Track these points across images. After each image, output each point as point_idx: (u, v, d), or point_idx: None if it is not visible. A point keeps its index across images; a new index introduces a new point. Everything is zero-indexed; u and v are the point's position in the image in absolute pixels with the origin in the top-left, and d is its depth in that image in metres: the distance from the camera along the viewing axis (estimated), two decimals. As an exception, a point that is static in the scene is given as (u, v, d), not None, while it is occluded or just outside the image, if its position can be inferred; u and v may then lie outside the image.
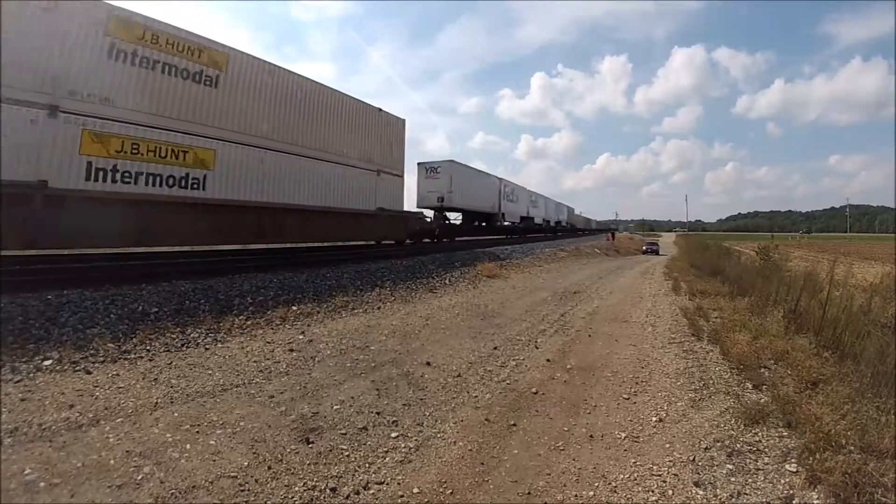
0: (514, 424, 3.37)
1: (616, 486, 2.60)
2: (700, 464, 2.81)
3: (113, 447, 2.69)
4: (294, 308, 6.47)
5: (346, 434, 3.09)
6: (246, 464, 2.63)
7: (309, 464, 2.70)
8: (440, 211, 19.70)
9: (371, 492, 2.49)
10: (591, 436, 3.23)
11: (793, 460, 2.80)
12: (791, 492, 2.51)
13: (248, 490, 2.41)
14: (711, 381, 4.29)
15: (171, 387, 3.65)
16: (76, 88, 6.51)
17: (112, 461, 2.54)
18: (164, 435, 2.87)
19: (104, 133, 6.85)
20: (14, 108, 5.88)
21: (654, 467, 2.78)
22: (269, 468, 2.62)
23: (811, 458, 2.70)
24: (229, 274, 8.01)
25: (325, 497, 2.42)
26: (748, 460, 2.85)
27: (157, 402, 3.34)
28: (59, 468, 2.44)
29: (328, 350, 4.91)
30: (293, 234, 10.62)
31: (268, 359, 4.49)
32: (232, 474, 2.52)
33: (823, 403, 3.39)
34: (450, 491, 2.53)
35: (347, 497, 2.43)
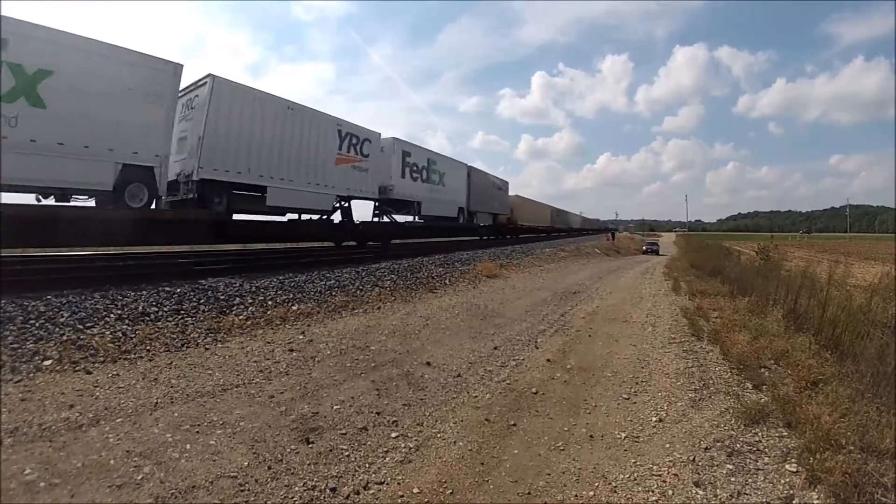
0: (514, 424, 3.37)
1: (616, 486, 2.60)
2: (700, 464, 2.81)
3: (113, 447, 2.69)
4: (294, 308, 6.47)
5: (346, 434, 3.09)
6: (246, 464, 2.63)
7: (309, 464, 2.70)
8: None
9: (371, 492, 2.49)
10: (591, 436, 3.23)
11: (793, 460, 2.80)
12: (791, 492, 2.51)
13: (248, 490, 2.41)
14: (711, 381, 4.29)
15: (171, 387, 3.65)
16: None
17: (112, 461, 2.54)
18: (164, 435, 2.87)
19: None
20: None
21: (654, 467, 2.78)
22: (269, 468, 2.62)
23: (811, 458, 2.70)
24: (229, 274, 8.01)
25: (325, 497, 2.42)
26: (748, 460, 2.85)
27: (157, 402, 3.34)
28: (59, 468, 2.44)
29: (328, 350, 4.91)
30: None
31: (268, 359, 4.48)
32: (232, 474, 2.52)
33: (823, 403, 3.39)
34: (450, 491, 2.53)
35: (347, 497, 2.43)
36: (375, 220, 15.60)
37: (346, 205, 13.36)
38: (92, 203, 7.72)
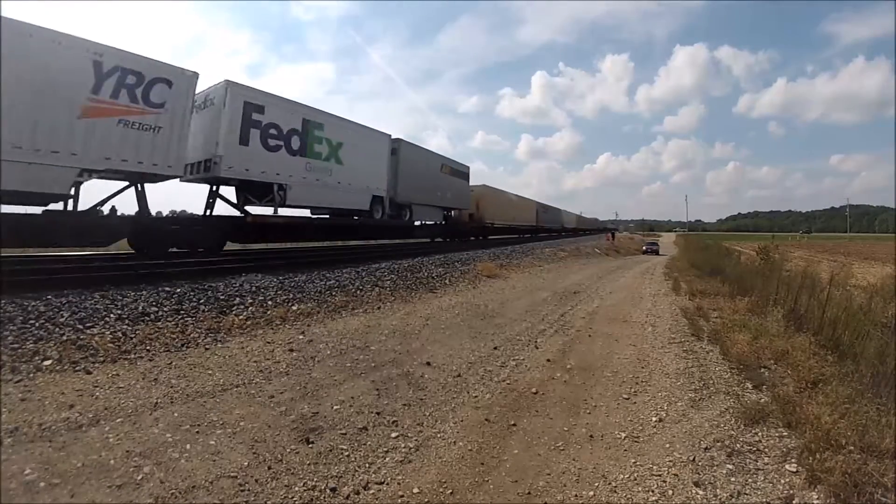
0: (514, 424, 3.37)
1: (616, 486, 2.60)
2: (700, 464, 2.81)
3: (113, 447, 2.69)
4: (294, 308, 6.47)
5: (346, 434, 3.09)
6: (246, 464, 2.63)
7: (309, 464, 2.70)
8: None
9: (371, 492, 2.49)
10: (591, 436, 3.23)
11: (793, 460, 2.80)
12: (791, 492, 2.51)
13: (248, 490, 2.41)
14: (711, 381, 4.29)
15: (171, 387, 3.65)
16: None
17: (112, 461, 2.54)
18: (164, 435, 2.87)
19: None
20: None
21: (654, 467, 2.78)
22: (269, 468, 2.62)
23: (811, 458, 2.71)
24: (229, 274, 8.01)
25: (325, 497, 2.42)
26: (748, 460, 2.85)
27: (157, 402, 3.34)
28: (59, 468, 2.44)
29: (328, 350, 4.91)
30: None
31: (268, 359, 4.48)
32: (232, 474, 2.52)
33: (823, 403, 3.39)
34: (450, 491, 2.53)
35: (347, 497, 2.43)
36: (211, 212, 10.48)
37: (140, 188, 8.49)
38: None
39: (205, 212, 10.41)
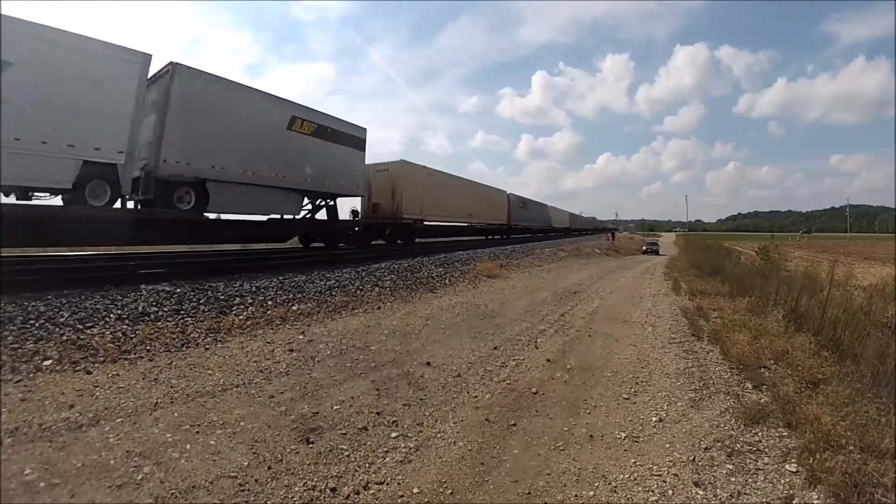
0: (514, 424, 3.37)
1: (616, 486, 2.60)
2: (700, 464, 2.81)
3: (113, 447, 2.69)
4: (294, 308, 6.47)
5: (346, 434, 3.09)
6: (246, 464, 2.63)
7: (309, 464, 2.70)
8: None
9: (371, 492, 2.49)
10: (591, 436, 3.23)
11: (793, 460, 2.80)
12: (791, 492, 2.51)
13: (248, 490, 2.41)
14: (711, 381, 4.29)
15: (171, 387, 3.65)
16: None
17: (112, 461, 2.54)
18: (164, 435, 2.87)
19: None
20: None
21: (654, 467, 2.78)
22: (269, 468, 2.62)
23: (811, 458, 2.70)
24: (229, 274, 8.01)
25: (325, 497, 2.42)
26: (748, 460, 2.85)
27: (157, 402, 3.34)
28: (59, 468, 2.44)
29: (328, 350, 4.91)
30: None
31: (268, 359, 4.48)
32: (232, 474, 2.52)
33: (823, 403, 3.39)
34: (450, 491, 2.53)
35: (347, 497, 2.43)
36: None
37: None
38: None
39: None
